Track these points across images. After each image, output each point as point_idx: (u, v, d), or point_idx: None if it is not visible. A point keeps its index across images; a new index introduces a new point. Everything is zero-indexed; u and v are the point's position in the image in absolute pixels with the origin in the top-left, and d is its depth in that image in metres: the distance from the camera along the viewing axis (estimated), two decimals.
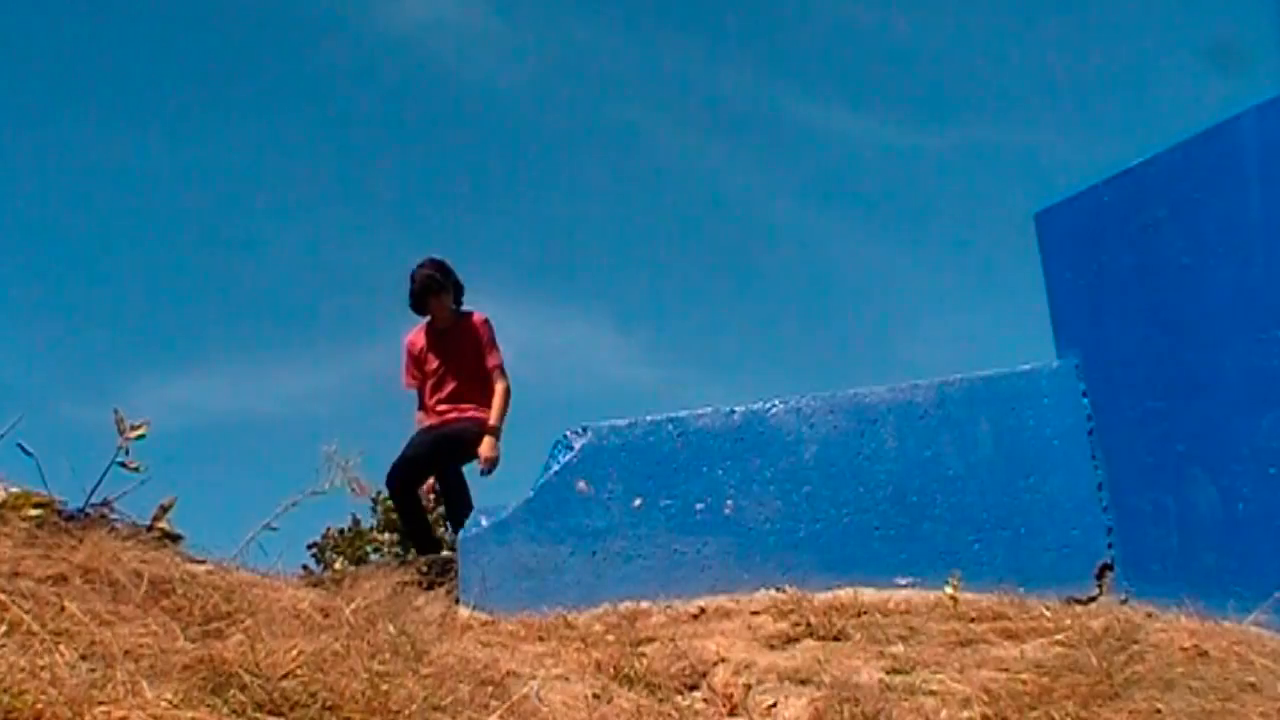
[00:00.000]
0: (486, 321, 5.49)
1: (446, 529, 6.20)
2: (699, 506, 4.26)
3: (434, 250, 5.52)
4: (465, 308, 5.57)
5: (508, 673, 2.87)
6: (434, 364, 5.51)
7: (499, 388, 5.39)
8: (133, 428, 3.42)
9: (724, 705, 2.95)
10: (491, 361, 5.43)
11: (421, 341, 5.56)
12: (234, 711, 2.00)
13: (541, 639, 3.58)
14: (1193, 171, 3.72)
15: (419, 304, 5.46)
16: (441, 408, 5.48)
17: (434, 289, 5.40)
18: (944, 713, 2.71)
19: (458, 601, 4.14)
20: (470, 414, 5.40)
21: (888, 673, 3.04)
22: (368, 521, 12.55)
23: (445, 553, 5.04)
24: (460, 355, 5.46)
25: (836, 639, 3.41)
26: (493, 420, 5.34)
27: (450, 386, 5.47)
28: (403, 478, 5.38)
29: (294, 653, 2.28)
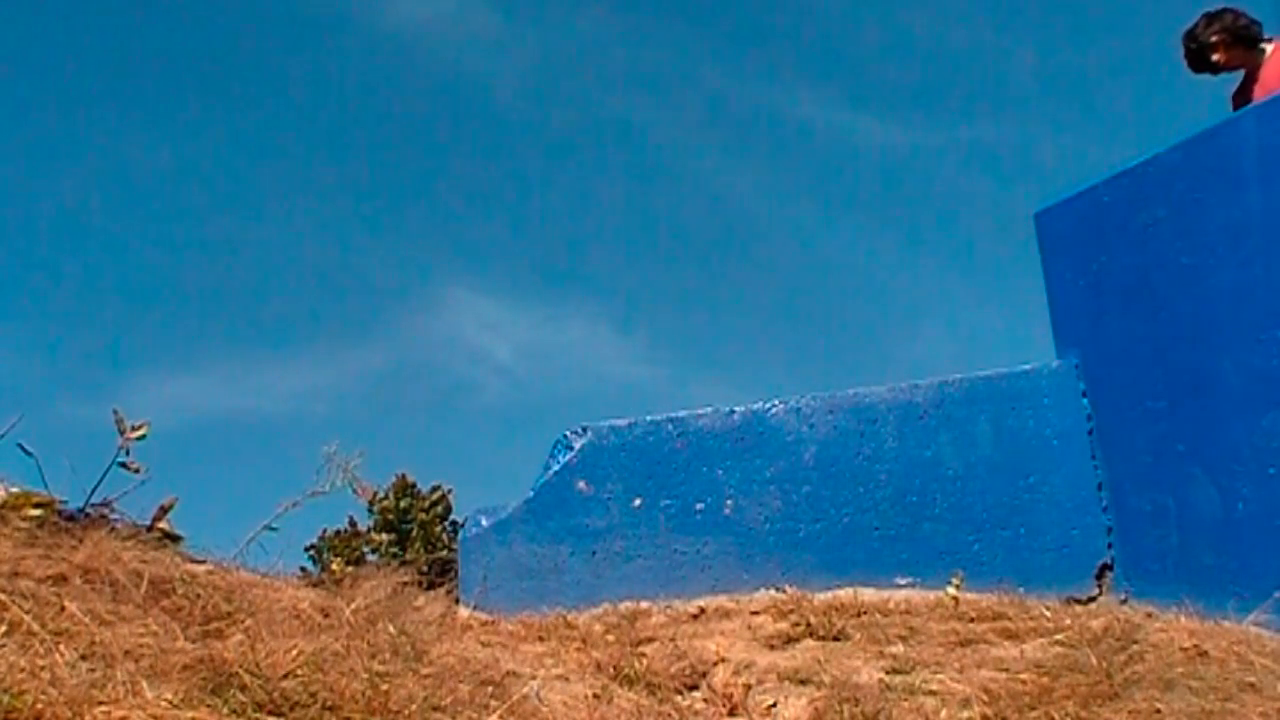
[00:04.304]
0: None
1: None
2: (699, 506, 4.26)
3: (433, 250, 5.48)
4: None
5: (508, 673, 2.87)
6: None
7: None
8: (133, 428, 3.41)
9: (724, 705, 2.95)
10: None
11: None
12: (234, 711, 2.00)
13: (541, 639, 3.58)
14: (1193, 171, 3.71)
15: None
16: None
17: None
18: (944, 713, 2.71)
19: (458, 601, 4.14)
20: None
21: (888, 673, 3.04)
22: (364, 522, 12.53)
23: None
24: None
25: (836, 639, 3.42)
26: None
27: None
28: None
29: (294, 653, 2.29)
